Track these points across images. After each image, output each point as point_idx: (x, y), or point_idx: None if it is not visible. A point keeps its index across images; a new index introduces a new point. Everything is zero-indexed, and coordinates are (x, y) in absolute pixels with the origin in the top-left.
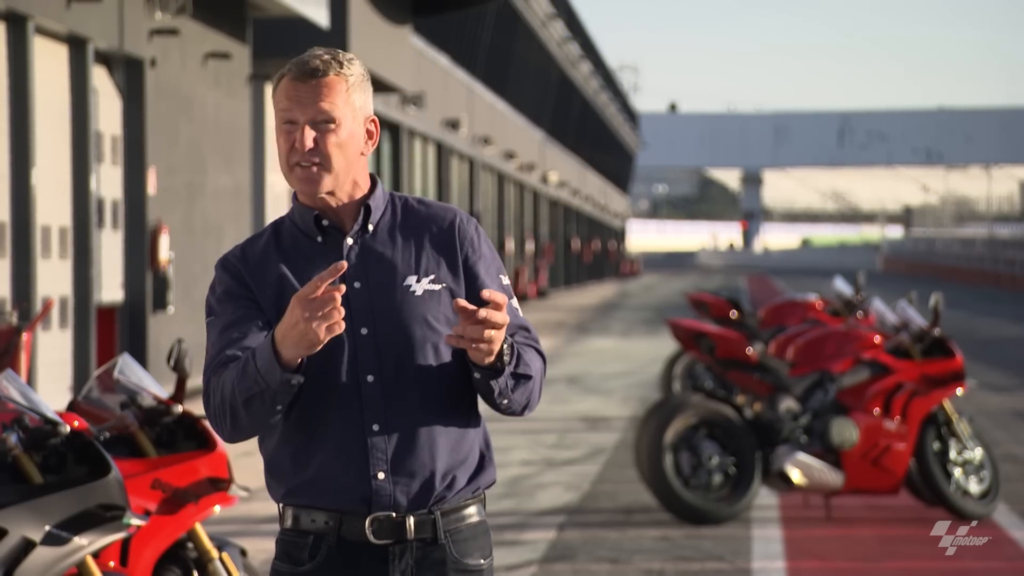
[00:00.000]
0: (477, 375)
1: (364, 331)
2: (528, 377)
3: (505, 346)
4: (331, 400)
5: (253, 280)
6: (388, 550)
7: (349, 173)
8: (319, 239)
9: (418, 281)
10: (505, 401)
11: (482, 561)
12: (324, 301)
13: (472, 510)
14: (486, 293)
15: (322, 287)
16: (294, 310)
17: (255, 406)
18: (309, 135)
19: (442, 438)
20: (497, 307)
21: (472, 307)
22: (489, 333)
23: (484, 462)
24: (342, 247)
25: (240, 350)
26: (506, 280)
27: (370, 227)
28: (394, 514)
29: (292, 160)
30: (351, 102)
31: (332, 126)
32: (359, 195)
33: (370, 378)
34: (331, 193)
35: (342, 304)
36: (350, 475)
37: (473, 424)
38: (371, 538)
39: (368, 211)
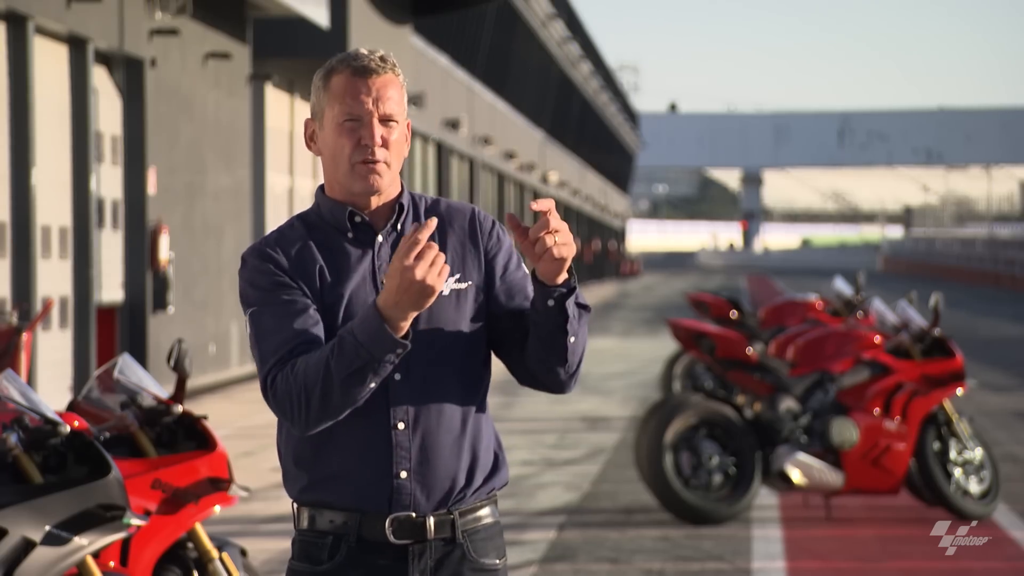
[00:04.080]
0: (551, 302)
1: None
2: (587, 308)
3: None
4: None
5: (293, 269)
6: (408, 550)
7: (398, 172)
8: (350, 235)
9: (445, 281)
10: (573, 339)
11: (497, 561)
12: (430, 252)
13: (487, 511)
14: (534, 204)
15: (422, 241)
16: (399, 274)
17: (354, 382)
18: (379, 131)
19: (463, 439)
20: (547, 212)
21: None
22: (553, 238)
23: (498, 463)
24: (373, 244)
25: (306, 341)
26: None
27: (399, 226)
28: (414, 514)
29: (356, 158)
30: (403, 102)
31: (394, 124)
32: (394, 195)
33: (397, 376)
34: (380, 192)
35: (368, 302)
36: (373, 473)
37: (488, 425)
38: (391, 538)
39: (401, 210)
